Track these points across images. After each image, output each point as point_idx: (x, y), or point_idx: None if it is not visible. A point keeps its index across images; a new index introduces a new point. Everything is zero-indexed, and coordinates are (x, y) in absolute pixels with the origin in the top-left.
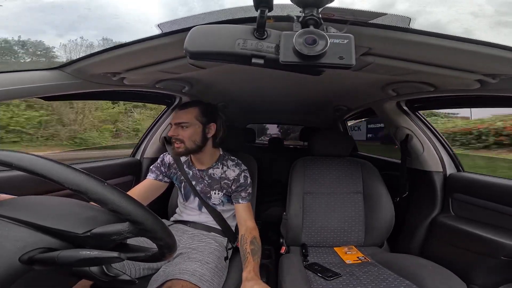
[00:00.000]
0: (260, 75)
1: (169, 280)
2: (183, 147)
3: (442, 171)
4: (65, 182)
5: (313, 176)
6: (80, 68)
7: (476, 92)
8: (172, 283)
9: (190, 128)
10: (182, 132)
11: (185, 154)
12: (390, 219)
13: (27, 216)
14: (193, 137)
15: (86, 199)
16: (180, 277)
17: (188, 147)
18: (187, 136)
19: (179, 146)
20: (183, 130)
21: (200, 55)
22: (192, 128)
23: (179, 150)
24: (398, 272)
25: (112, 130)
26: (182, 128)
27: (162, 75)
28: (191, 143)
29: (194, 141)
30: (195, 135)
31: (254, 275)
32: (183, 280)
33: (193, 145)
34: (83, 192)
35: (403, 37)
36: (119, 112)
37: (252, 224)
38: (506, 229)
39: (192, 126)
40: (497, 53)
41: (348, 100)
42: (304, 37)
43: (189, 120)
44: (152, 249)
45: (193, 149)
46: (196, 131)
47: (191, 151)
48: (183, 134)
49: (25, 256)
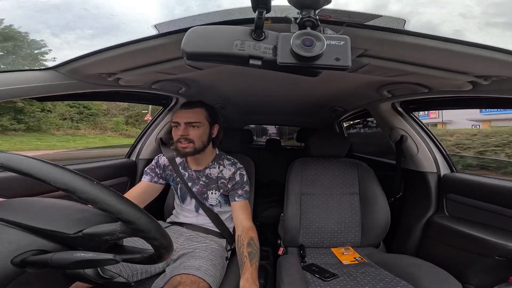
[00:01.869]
0: (257, 76)
1: (176, 275)
2: (191, 146)
3: (436, 171)
4: (53, 181)
5: (310, 177)
6: (74, 69)
7: (469, 94)
8: (181, 277)
9: (201, 128)
10: (192, 132)
11: (192, 154)
12: (386, 219)
13: (19, 217)
14: (202, 137)
15: (77, 199)
16: (186, 272)
17: (197, 147)
18: (198, 136)
19: (187, 146)
20: (194, 130)
21: (197, 56)
22: (202, 128)
23: (187, 150)
24: (394, 273)
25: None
26: (193, 128)
27: (158, 75)
28: (199, 143)
29: (202, 141)
30: (204, 135)
31: (252, 282)
32: (190, 275)
33: (201, 145)
34: (71, 191)
35: (398, 39)
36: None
37: (248, 223)
38: (500, 229)
39: (202, 126)
40: (489, 54)
41: (344, 101)
42: (302, 38)
43: (200, 120)
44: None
45: (200, 149)
46: (205, 131)
47: (198, 151)
48: (194, 133)
49: (17, 259)
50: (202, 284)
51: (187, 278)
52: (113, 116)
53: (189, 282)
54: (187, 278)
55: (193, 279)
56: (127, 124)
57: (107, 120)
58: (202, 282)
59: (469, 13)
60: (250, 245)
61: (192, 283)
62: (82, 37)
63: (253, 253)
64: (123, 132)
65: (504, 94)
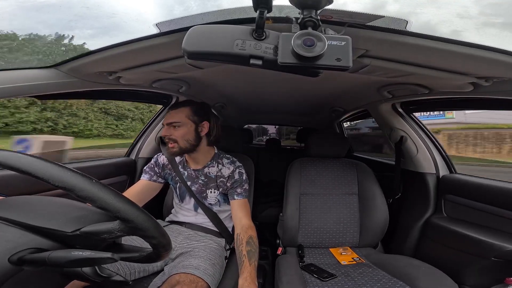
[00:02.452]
0: (257, 76)
1: (174, 274)
2: (177, 146)
3: (435, 172)
4: (51, 179)
5: (309, 177)
6: (75, 67)
7: (470, 95)
8: (179, 276)
9: (182, 127)
10: (174, 132)
11: (180, 153)
12: (384, 220)
13: (16, 215)
14: (186, 136)
15: (75, 197)
16: (184, 271)
17: (182, 146)
18: (180, 136)
19: (173, 146)
20: (176, 130)
21: (198, 55)
22: (185, 127)
23: (174, 150)
24: (392, 273)
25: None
26: (175, 128)
27: (159, 74)
28: (184, 143)
29: (187, 140)
30: (187, 134)
31: (250, 282)
32: (189, 274)
33: (187, 144)
34: (69, 189)
35: (400, 40)
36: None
37: (247, 222)
38: (497, 230)
39: (184, 126)
40: (491, 56)
41: (345, 102)
42: (303, 38)
43: (181, 120)
44: (147, 249)
45: (187, 148)
46: (188, 130)
47: (185, 150)
48: (176, 133)
49: (14, 257)
50: (200, 283)
51: (185, 277)
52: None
53: (188, 281)
54: (186, 277)
55: (191, 278)
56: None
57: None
58: (200, 281)
59: (467, 14)
60: (249, 243)
61: (190, 282)
62: (82, 37)
63: (252, 252)
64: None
65: (505, 95)
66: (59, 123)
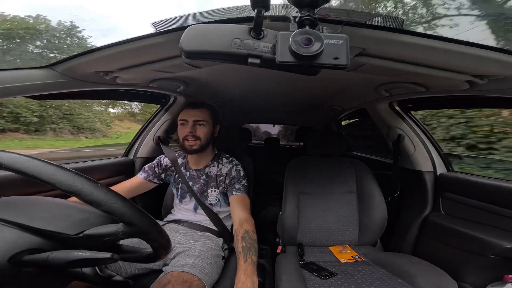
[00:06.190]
0: (255, 75)
1: (171, 272)
2: (198, 144)
3: (433, 170)
4: (57, 183)
5: (308, 176)
6: (71, 67)
7: (466, 93)
8: (177, 274)
9: (207, 126)
10: (199, 129)
11: (199, 151)
12: (383, 218)
13: (18, 217)
14: (208, 135)
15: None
16: (181, 269)
17: (203, 144)
18: (203, 134)
19: (194, 143)
20: (201, 128)
21: (195, 55)
22: (208, 126)
23: (194, 147)
24: (391, 271)
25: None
26: (200, 126)
27: (156, 74)
28: (205, 141)
29: (207, 139)
30: (208, 133)
31: (245, 279)
32: (185, 272)
33: (206, 143)
34: (76, 194)
35: (396, 38)
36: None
37: (244, 215)
38: (495, 228)
39: (208, 125)
40: (486, 54)
41: (342, 100)
42: (301, 37)
43: (206, 119)
44: (146, 250)
45: (204, 146)
46: (209, 130)
47: (204, 148)
48: (201, 131)
49: (15, 257)
50: (197, 282)
51: (182, 276)
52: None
53: (184, 280)
54: (182, 276)
55: (188, 277)
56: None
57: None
58: (197, 280)
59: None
60: (244, 239)
61: (186, 281)
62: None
63: (247, 248)
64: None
65: (500, 93)
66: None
